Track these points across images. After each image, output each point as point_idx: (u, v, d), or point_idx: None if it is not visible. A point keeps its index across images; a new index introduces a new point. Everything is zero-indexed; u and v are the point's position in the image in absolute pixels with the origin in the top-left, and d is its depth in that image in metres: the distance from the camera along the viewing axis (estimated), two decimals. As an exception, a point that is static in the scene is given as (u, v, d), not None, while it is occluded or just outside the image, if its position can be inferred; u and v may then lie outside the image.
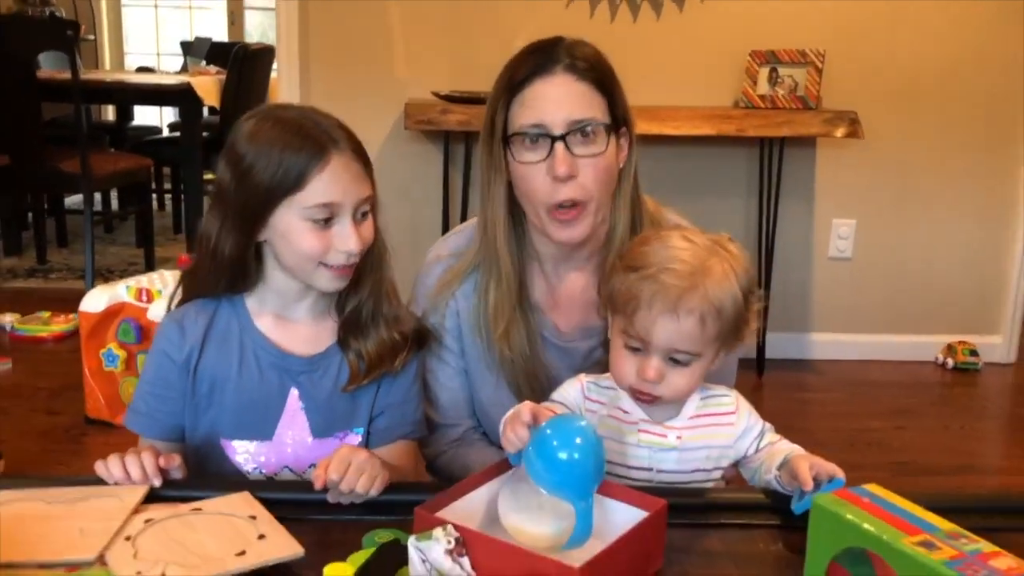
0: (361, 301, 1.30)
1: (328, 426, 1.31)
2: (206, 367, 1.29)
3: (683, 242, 1.16)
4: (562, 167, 1.27)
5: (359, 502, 1.12)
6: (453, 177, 3.31)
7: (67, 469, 2.48)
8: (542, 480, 0.97)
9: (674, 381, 1.14)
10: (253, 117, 1.25)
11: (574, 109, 1.28)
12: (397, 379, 1.34)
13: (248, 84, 4.81)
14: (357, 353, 1.30)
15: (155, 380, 1.30)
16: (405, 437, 1.36)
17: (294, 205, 1.20)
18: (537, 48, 1.33)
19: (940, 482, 2.63)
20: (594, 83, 1.30)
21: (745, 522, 1.12)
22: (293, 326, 1.31)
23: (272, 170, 1.19)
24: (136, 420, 1.31)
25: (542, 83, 1.29)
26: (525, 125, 1.29)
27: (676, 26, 3.33)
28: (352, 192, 1.21)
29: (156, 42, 7.55)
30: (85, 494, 1.10)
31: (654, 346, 1.12)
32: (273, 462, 1.30)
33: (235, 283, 1.28)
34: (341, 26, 3.32)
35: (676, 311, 1.10)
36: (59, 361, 3.26)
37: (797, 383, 3.40)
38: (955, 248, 3.56)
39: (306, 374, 1.30)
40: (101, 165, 3.98)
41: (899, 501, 0.91)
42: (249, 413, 1.29)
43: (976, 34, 3.37)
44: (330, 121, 1.24)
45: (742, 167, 3.44)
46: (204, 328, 1.29)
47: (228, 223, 1.23)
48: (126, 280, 2.84)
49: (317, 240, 1.21)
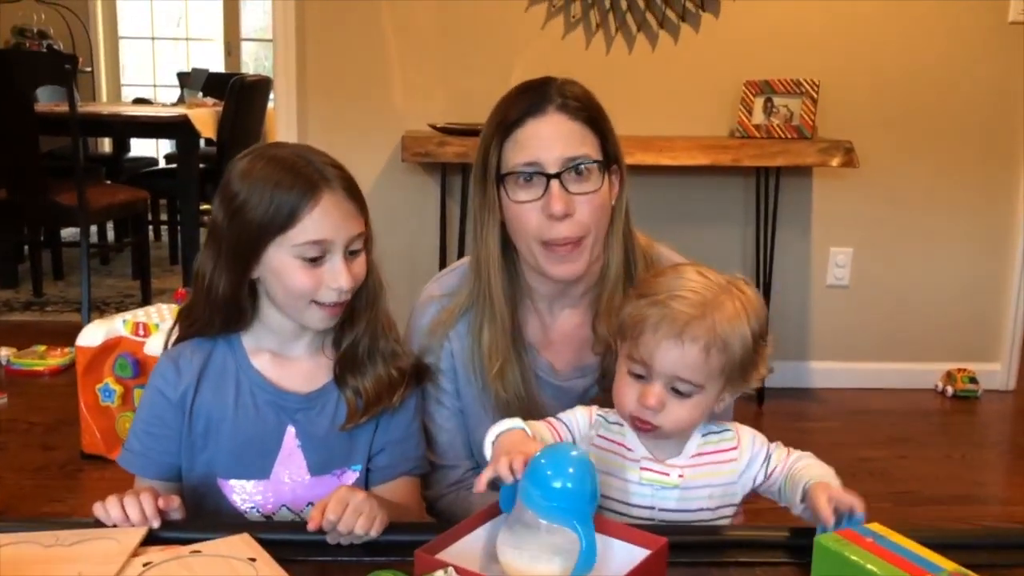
0: (357, 337, 1.30)
1: (325, 464, 1.30)
2: (202, 405, 1.28)
3: (698, 276, 1.16)
4: (558, 205, 1.27)
5: (359, 543, 1.11)
6: (450, 209, 3.32)
7: (62, 506, 2.46)
8: (540, 508, 0.97)
9: (675, 412, 1.14)
10: (247, 156, 1.25)
11: (568, 147, 1.28)
12: (396, 415, 1.33)
13: (245, 115, 4.82)
14: (354, 390, 1.29)
15: (150, 419, 1.29)
16: (407, 474, 1.35)
17: (285, 243, 1.20)
18: (528, 88, 1.33)
19: (942, 512, 2.62)
20: (586, 122, 1.30)
21: (748, 560, 1.11)
22: (290, 364, 1.31)
23: (264, 208, 1.19)
24: (131, 459, 1.30)
25: (535, 123, 1.29)
26: (519, 164, 1.29)
27: (671, 57, 3.36)
28: (343, 230, 1.22)
29: (153, 74, 7.59)
30: (83, 536, 1.09)
31: (656, 372, 1.12)
32: (271, 501, 1.29)
33: (230, 321, 1.28)
34: (339, 58, 3.34)
35: (681, 337, 1.10)
36: (55, 395, 3.25)
37: (797, 412, 3.39)
38: (953, 275, 3.56)
39: (303, 411, 1.29)
40: (98, 198, 3.98)
41: (902, 541, 0.90)
42: (246, 452, 1.28)
43: (971, 63, 3.40)
44: (323, 159, 1.24)
45: (739, 196, 3.46)
46: (200, 366, 1.29)
47: (222, 261, 1.24)
48: (123, 314, 2.84)
49: (308, 278, 1.21)
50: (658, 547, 1.00)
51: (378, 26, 3.31)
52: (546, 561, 0.97)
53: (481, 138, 1.34)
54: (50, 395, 3.28)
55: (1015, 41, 3.37)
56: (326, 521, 1.08)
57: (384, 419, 1.32)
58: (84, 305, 3.84)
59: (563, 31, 3.33)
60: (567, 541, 0.97)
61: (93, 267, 4.61)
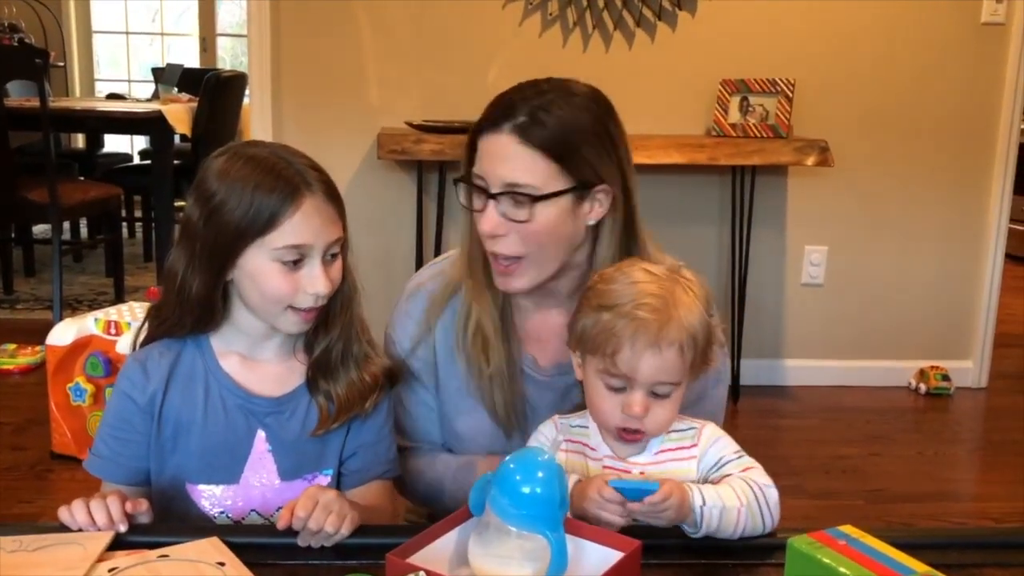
0: (331, 342, 1.28)
1: (296, 468, 1.29)
2: (170, 409, 1.26)
3: (646, 275, 1.16)
4: (486, 226, 1.28)
5: (329, 544, 1.09)
6: (427, 207, 3.30)
7: (31, 507, 2.43)
8: (509, 516, 0.96)
9: (658, 414, 1.14)
10: (224, 154, 1.23)
11: (510, 172, 1.26)
12: (368, 419, 1.32)
13: (220, 112, 4.79)
14: (326, 395, 1.28)
15: (117, 423, 1.27)
16: (380, 477, 1.34)
17: (264, 246, 1.18)
18: (507, 97, 1.30)
19: (916, 509, 2.64)
20: (544, 148, 1.25)
21: (722, 562, 1.10)
22: (260, 366, 1.29)
23: (243, 210, 1.17)
24: (98, 464, 1.27)
25: (488, 138, 1.28)
26: (473, 173, 1.30)
27: (648, 56, 3.36)
28: (323, 234, 1.20)
29: (127, 69, 7.52)
30: (47, 541, 1.07)
31: (639, 382, 1.12)
32: (240, 506, 1.28)
33: (201, 322, 1.26)
34: (314, 55, 3.32)
35: (658, 344, 1.11)
36: (25, 394, 3.21)
37: (771, 409, 3.41)
38: (926, 273, 3.59)
39: (273, 415, 1.28)
40: (70, 194, 3.94)
41: (874, 543, 0.90)
42: (215, 456, 1.26)
43: (945, 63, 3.42)
44: (303, 161, 1.22)
45: (714, 195, 3.46)
46: (168, 369, 1.27)
47: (196, 261, 1.21)
48: (95, 312, 2.80)
49: (285, 282, 1.20)
50: (631, 549, 1.00)
51: (354, 22, 3.29)
52: (517, 566, 0.96)
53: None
54: (20, 394, 3.24)
55: (987, 42, 3.40)
56: (295, 519, 1.07)
57: (356, 423, 1.31)
58: (56, 303, 3.80)
59: (540, 29, 3.33)
60: (538, 546, 0.96)
61: (66, 264, 4.57)
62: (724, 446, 1.19)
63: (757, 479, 1.14)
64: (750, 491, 1.12)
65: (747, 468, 1.16)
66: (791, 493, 2.69)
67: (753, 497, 1.11)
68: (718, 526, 1.10)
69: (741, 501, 1.10)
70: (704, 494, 1.10)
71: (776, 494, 1.14)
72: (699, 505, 1.09)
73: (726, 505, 1.10)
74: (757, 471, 1.16)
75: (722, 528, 1.10)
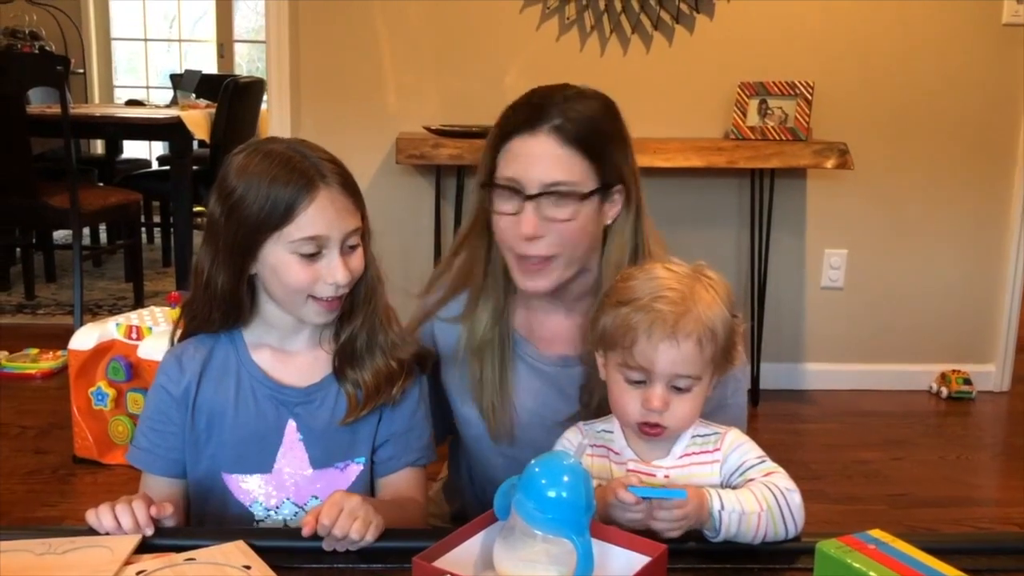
0: (355, 331, 1.30)
1: (327, 456, 1.31)
2: (204, 401, 1.29)
3: (667, 272, 1.17)
4: (527, 228, 1.28)
5: (355, 549, 1.10)
6: (445, 211, 3.31)
7: (54, 510, 2.45)
8: (536, 521, 0.96)
9: (678, 409, 1.14)
10: (244, 151, 1.25)
11: (550, 172, 1.28)
12: (399, 407, 1.33)
13: (238, 117, 4.81)
14: (354, 383, 1.29)
15: (155, 416, 1.31)
16: (412, 465, 1.35)
17: (282, 239, 1.21)
18: (531, 100, 1.32)
19: (938, 514, 2.61)
20: (580, 147, 1.28)
21: (748, 566, 1.10)
22: (289, 358, 1.32)
23: (260, 203, 1.19)
24: (139, 456, 1.31)
25: (522, 141, 1.29)
26: (502, 177, 1.31)
27: (666, 59, 3.35)
28: (339, 225, 1.22)
29: (146, 75, 7.57)
30: (75, 544, 1.08)
31: (657, 374, 1.13)
32: (274, 495, 1.30)
33: (229, 317, 1.29)
34: (332, 60, 3.33)
35: (675, 335, 1.11)
36: (47, 399, 3.23)
37: (792, 414, 3.39)
38: (947, 276, 3.56)
39: (302, 405, 1.30)
40: (90, 200, 3.96)
41: (905, 547, 0.89)
42: (247, 446, 1.29)
43: (965, 65, 3.40)
44: (319, 154, 1.24)
45: (733, 198, 3.45)
46: (202, 362, 1.30)
47: (220, 257, 1.24)
48: (116, 317, 2.82)
49: (304, 273, 1.22)
50: (658, 554, 1.00)
51: (371, 27, 3.30)
52: (543, 570, 0.96)
53: (488, 137, 1.35)
54: (42, 398, 3.26)
55: (1009, 43, 3.37)
56: (320, 526, 1.08)
57: (387, 411, 1.32)
58: (76, 308, 3.82)
59: (557, 33, 3.33)
60: (564, 550, 0.96)
61: (86, 269, 4.59)
62: (747, 451, 1.18)
63: (779, 483, 1.13)
64: (771, 496, 1.11)
65: (769, 473, 1.15)
66: (812, 498, 2.65)
67: (774, 501, 1.11)
68: (737, 531, 1.09)
69: (761, 506, 1.10)
70: (723, 498, 1.09)
71: (799, 498, 1.13)
72: (717, 509, 1.09)
73: (745, 510, 1.09)
74: (780, 476, 1.15)
75: (742, 533, 1.09)
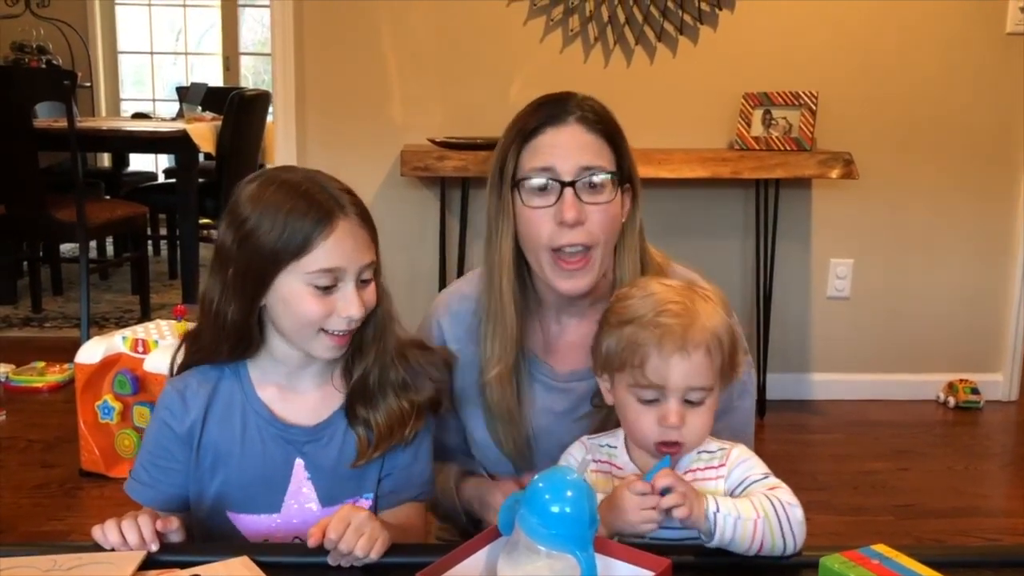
0: (367, 368, 1.27)
1: (336, 495, 1.28)
2: (209, 439, 1.27)
3: (663, 287, 1.18)
4: (570, 212, 1.28)
5: (359, 565, 1.09)
6: (450, 223, 3.31)
7: (61, 524, 2.45)
8: (539, 536, 0.96)
9: (693, 423, 1.14)
10: (257, 179, 1.23)
11: (583, 157, 1.31)
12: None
13: (244, 130, 4.82)
14: (365, 423, 1.26)
15: (157, 451, 1.28)
16: (413, 499, 1.33)
17: (297, 270, 1.19)
18: (549, 100, 1.36)
19: (946, 525, 2.60)
20: (604, 136, 1.33)
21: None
22: (297, 397, 1.29)
23: (276, 234, 1.17)
24: (138, 490, 1.28)
25: (554, 131, 1.32)
26: (535, 169, 1.31)
27: (670, 70, 3.35)
28: (356, 258, 1.20)
29: (152, 88, 7.60)
30: (81, 561, 1.08)
31: (671, 389, 1.12)
32: (281, 534, 1.28)
33: (238, 348, 1.26)
34: (337, 72, 3.34)
35: (686, 348, 1.11)
36: (54, 412, 3.23)
37: (798, 424, 3.38)
38: (953, 286, 3.55)
39: (311, 444, 1.27)
40: (97, 213, 3.97)
41: (908, 562, 0.89)
42: (254, 487, 1.27)
43: (970, 74, 3.40)
44: (336, 185, 1.23)
45: (738, 209, 3.45)
46: (207, 399, 1.27)
47: (230, 287, 1.21)
48: (122, 331, 2.83)
49: (318, 305, 1.19)
50: (662, 568, 0.99)
51: (377, 40, 3.31)
52: (548, 586, 0.96)
53: (499, 146, 1.36)
54: (49, 412, 3.26)
55: (1013, 51, 3.37)
56: (327, 540, 1.07)
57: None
58: (83, 321, 3.82)
59: (561, 44, 3.33)
60: (567, 565, 0.96)
61: (92, 282, 4.60)
62: (751, 467, 1.17)
63: (781, 496, 1.11)
64: (770, 506, 1.09)
65: (773, 488, 1.14)
66: (819, 509, 2.69)
67: (773, 512, 1.09)
68: (733, 536, 1.08)
69: (758, 513, 1.08)
70: (720, 502, 1.09)
71: (801, 514, 1.10)
72: (713, 511, 1.07)
73: (742, 515, 1.08)
74: (783, 490, 1.13)
75: (737, 539, 1.08)
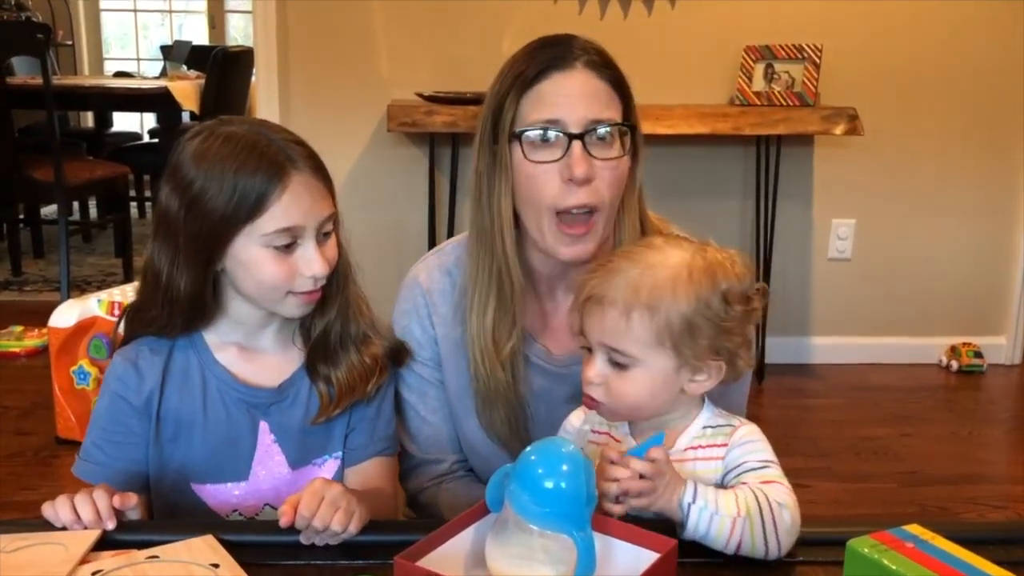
0: (329, 323, 1.20)
1: (304, 455, 1.22)
2: (169, 410, 1.18)
3: (652, 245, 1.08)
4: (580, 167, 1.14)
5: (335, 543, 1.01)
6: (439, 180, 3.20)
7: (34, 494, 2.36)
8: (531, 514, 0.87)
9: (615, 386, 1.04)
10: (198, 135, 1.12)
11: (593, 108, 1.16)
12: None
13: (228, 87, 4.73)
14: (326, 379, 1.20)
15: (112, 426, 1.18)
16: (380, 454, 1.26)
17: (253, 233, 1.09)
18: (551, 42, 1.21)
19: (951, 492, 2.53)
20: (612, 83, 1.19)
21: (762, 559, 1.00)
22: (258, 357, 1.21)
23: (226, 196, 1.07)
24: (91, 470, 1.18)
25: (560, 77, 1.17)
26: (539, 121, 1.16)
27: (668, 22, 3.25)
28: (314, 213, 1.11)
29: (136, 47, 7.44)
30: (27, 542, 0.99)
31: (592, 342, 1.05)
32: (252, 502, 1.20)
33: (193, 320, 1.17)
34: (321, 27, 3.22)
35: (602, 301, 1.03)
36: (31, 378, 3.13)
37: (798, 389, 3.31)
38: (957, 247, 3.48)
39: (275, 405, 1.20)
40: (76, 173, 3.86)
41: (945, 544, 0.80)
42: (221, 454, 1.19)
43: (978, 28, 3.30)
44: (284, 135, 1.13)
45: (738, 166, 3.35)
46: (162, 367, 1.18)
47: (181, 257, 1.12)
48: (98, 293, 2.72)
49: (281, 268, 1.11)
50: (667, 549, 0.90)
51: (362, -9, 3.19)
52: (540, 568, 0.87)
53: (492, 93, 1.21)
54: (27, 377, 3.17)
55: (1022, 6, 3.26)
56: (299, 517, 0.99)
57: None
58: (63, 284, 3.73)
59: (555, -5, 3.21)
60: (563, 547, 0.87)
61: (75, 245, 4.50)
62: (751, 451, 1.04)
63: (772, 495, 0.98)
64: (755, 505, 0.97)
65: (767, 482, 1.01)
66: (820, 476, 2.62)
67: (757, 512, 0.97)
68: (707, 532, 0.97)
69: (739, 512, 0.96)
70: (699, 493, 0.97)
71: (790, 517, 0.97)
72: (687, 503, 0.97)
73: (720, 511, 0.96)
74: (777, 488, 1.00)
75: (712, 536, 0.97)
